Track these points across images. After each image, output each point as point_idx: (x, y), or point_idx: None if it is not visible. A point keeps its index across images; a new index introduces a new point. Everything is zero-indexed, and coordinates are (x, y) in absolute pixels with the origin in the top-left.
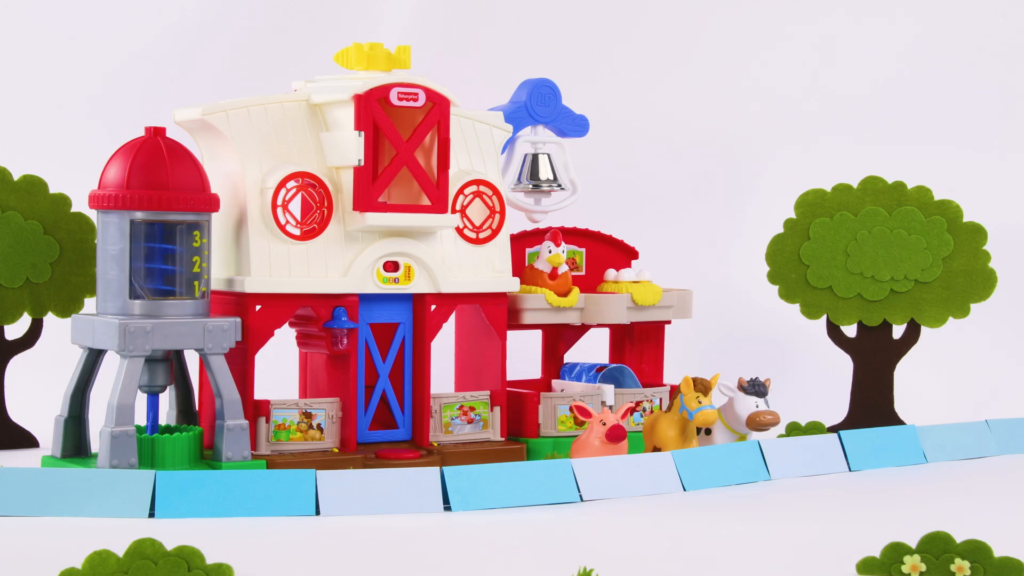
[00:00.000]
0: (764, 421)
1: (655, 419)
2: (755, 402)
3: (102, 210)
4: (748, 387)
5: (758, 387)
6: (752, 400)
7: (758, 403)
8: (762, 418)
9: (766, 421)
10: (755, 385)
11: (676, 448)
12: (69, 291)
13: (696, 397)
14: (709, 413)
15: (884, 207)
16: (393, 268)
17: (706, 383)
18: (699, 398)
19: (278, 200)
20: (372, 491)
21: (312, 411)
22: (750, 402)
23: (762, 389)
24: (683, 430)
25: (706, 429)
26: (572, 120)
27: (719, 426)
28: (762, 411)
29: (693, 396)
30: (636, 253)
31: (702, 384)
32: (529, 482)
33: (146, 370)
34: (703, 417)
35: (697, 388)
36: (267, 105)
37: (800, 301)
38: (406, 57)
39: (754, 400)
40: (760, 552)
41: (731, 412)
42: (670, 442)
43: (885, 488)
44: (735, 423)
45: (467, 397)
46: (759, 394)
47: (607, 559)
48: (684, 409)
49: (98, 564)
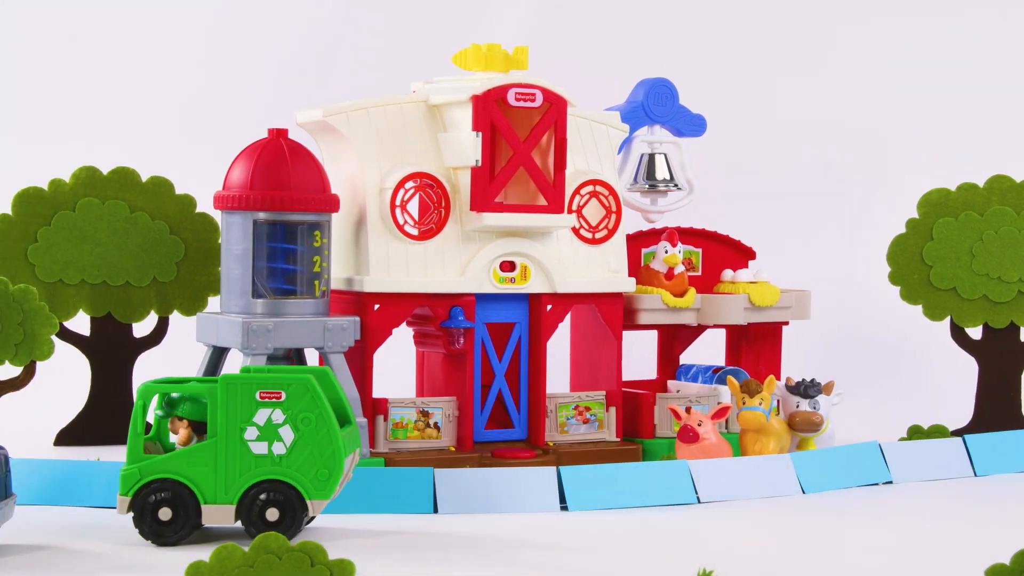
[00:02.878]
0: (797, 422)
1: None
2: (797, 402)
3: (226, 210)
4: (793, 388)
5: (804, 388)
6: (795, 400)
7: (799, 403)
8: (796, 419)
9: (798, 421)
10: (801, 386)
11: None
12: (194, 290)
13: (742, 398)
14: (749, 415)
15: (1012, 206)
16: (509, 268)
17: (752, 385)
18: (744, 399)
19: (396, 200)
20: (489, 490)
21: (429, 410)
22: (793, 402)
23: (808, 391)
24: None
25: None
26: (689, 120)
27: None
28: (801, 411)
29: (740, 397)
30: (753, 253)
31: (748, 385)
32: (646, 483)
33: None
34: (743, 418)
35: (743, 389)
36: (386, 106)
37: (923, 302)
38: (524, 58)
39: (796, 400)
40: (883, 557)
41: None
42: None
43: (1012, 494)
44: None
45: (583, 397)
46: (804, 395)
47: (726, 560)
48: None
49: (225, 558)
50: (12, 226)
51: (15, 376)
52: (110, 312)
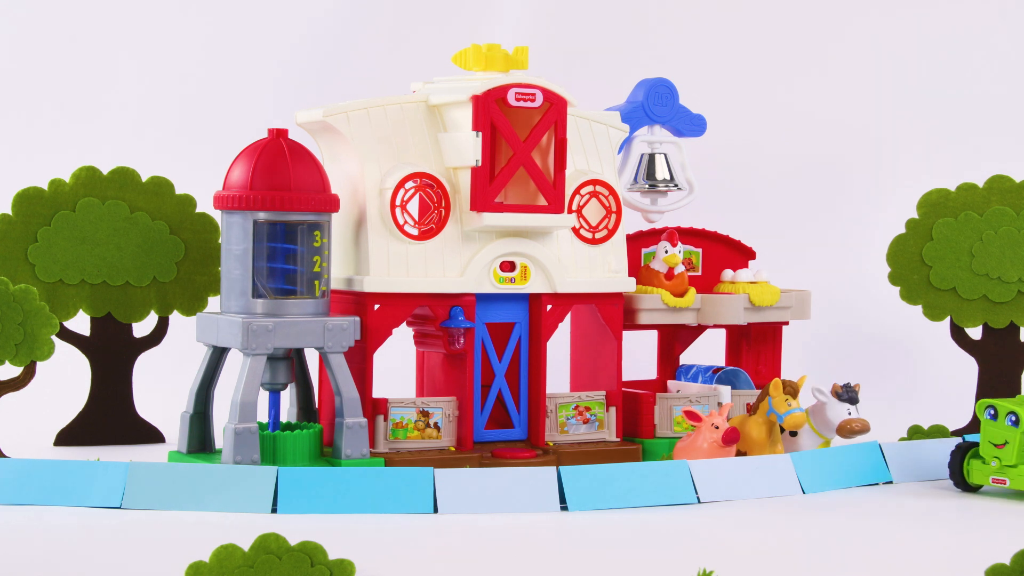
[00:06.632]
0: (855, 429)
1: (741, 422)
2: (847, 409)
3: (226, 211)
4: (842, 394)
5: (851, 394)
6: (844, 407)
7: (850, 410)
8: (853, 426)
9: (857, 429)
10: (848, 391)
11: (762, 451)
12: (194, 290)
13: (786, 400)
14: (799, 416)
15: (1011, 206)
16: (509, 268)
17: (795, 385)
18: (788, 401)
19: (396, 200)
20: (490, 490)
21: (429, 410)
22: (842, 409)
23: (855, 396)
24: (770, 432)
25: (791, 431)
26: (689, 120)
27: (806, 429)
28: (854, 419)
29: (783, 399)
30: (753, 253)
31: (791, 387)
32: (646, 483)
33: (268, 368)
34: (793, 420)
35: (786, 391)
36: (386, 106)
37: (923, 303)
38: (524, 58)
39: (846, 408)
40: (883, 556)
41: (820, 416)
42: (756, 445)
43: (1013, 494)
44: (823, 427)
45: (583, 397)
46: (852, 401)
47: (726, 560)
48: (772, 412)
49: (225, 558)
50: (12, 226)
51: (15, 376)
52: (110, 312)
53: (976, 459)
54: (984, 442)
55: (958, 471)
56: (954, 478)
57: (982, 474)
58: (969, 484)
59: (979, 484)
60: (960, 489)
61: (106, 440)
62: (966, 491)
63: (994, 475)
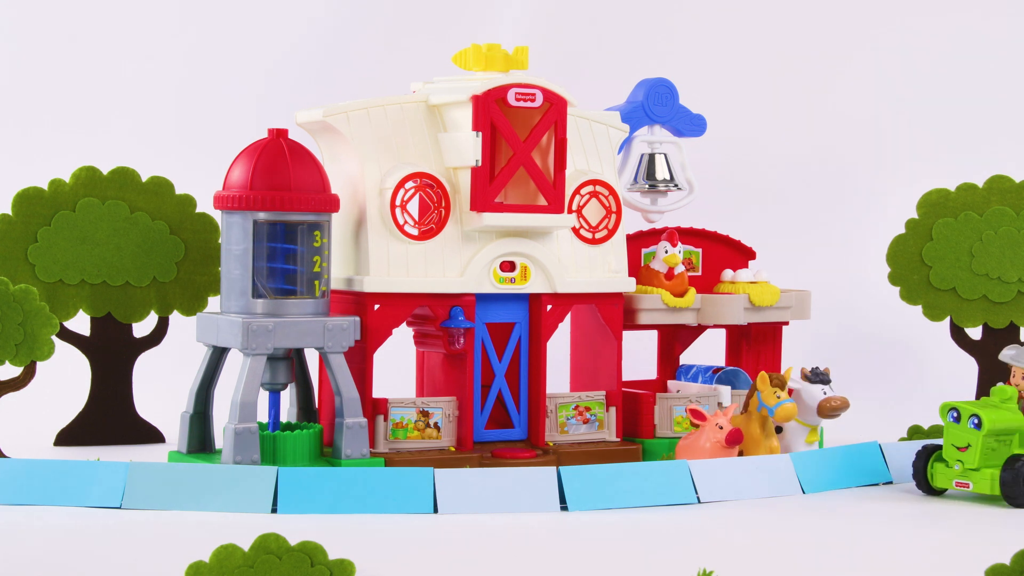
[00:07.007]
0: (835, 406)
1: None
2: (822, 389)
3: (226, 211)
4: (812, 376)
5: (820, 375)
6: (818, 388)
7: (824, 390)
8: (833, 403)
9: (837, 406)
10: (817, 374)
11: (758, 446)
12: (194, 290)
13: (774, 392)
14: (789, 407)
15: (1011, 207)
16: (509, 268)
17: (782, 378)
18: (777, 393)
19: (396, 200)
20: (490, 490)
21: (429, 410)
22: (816, 391)
23: (825, 377)
24: (763, 427)
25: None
26: (689, 120)
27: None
28: (831, 396)
29: (771, 392)
30: (753, 253)
31: (778, 379)
32: (646, 483)
33: (268, 368)
34: (784, 411)
35: (774, 384)
36: (386, 106)
37: (922, 303)
38: (524, 58)
39: (820, 388)
40: (883, 556)
41: (801, 404)
42: (752, 441)
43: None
44: (806, 415)
45: (583, 397)
46: (823, 381)
47: (726, 560)
48: (763, 407)
49: (225, 558)
50: (12, 226)
51: (15, 376)
52: (110, 312)
53: (940, 462)
54: (947, 445)
55: (922, 474)
56: (917, 480)
57: (946, 478)
58: (933, 488)
59: (943, 488)
60: (924, 492)
61: (106, 440)
62: (929, 495)
63: (957, 479)
